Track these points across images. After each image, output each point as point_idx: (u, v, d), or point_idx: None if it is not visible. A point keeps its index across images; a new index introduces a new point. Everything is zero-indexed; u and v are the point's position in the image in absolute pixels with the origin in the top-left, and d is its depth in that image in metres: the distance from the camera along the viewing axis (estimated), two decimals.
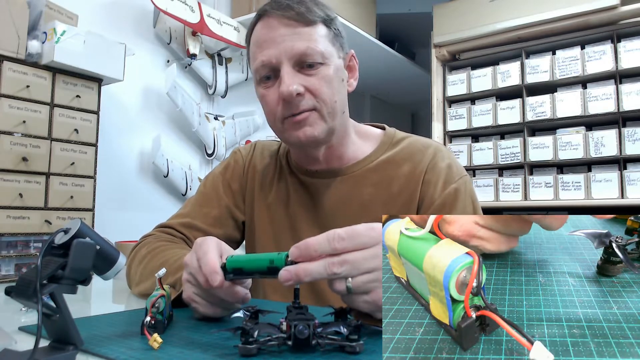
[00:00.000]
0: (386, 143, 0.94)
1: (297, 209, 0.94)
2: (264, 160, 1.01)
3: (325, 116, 0.83)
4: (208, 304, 0.64)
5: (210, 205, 0.98)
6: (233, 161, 1.03)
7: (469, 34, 2.46)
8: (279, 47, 0.81)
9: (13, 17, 1.59)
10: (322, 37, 0.83)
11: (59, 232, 0.50)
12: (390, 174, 0.90)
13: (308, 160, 0.93)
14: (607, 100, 2.11)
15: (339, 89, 0.85)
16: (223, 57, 2.61)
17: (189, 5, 2.30)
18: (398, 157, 0.92)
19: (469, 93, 2.49)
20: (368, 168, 0.92)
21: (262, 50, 0.82)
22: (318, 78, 0.82)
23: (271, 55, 0.81)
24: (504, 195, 2.31)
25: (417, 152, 0.91)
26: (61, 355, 0.46)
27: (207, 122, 2.50)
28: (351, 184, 0.91)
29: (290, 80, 0.80)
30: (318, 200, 0.93)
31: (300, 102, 0.81)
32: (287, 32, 0.81)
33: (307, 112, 0.82)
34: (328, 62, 0.83)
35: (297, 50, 0.80)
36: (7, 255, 1.56)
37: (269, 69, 0.82)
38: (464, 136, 2.54)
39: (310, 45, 0.81)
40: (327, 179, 0.92)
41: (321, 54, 0.82)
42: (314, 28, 0.82)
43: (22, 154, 1.59)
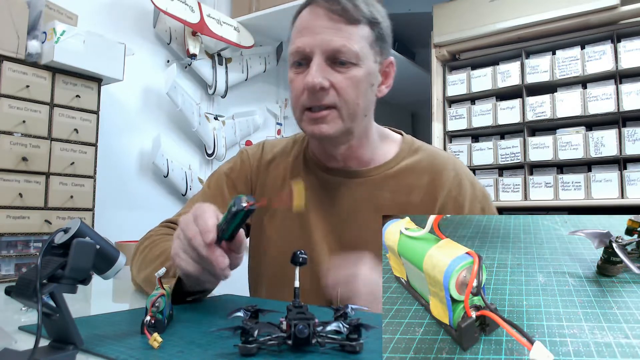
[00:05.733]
0: (405, 150, 0.94)
1: (311, 206, 0.92)
2: (275, 158, 1.00)
3: (345, 116, 0.83)
4: (192, 261, 0.67)
5: (213, 203, 0.98)
6: (240, 161, 1.02)
7: (469, 34, 2.45)
8: (316, 37, 0.80)
9: (13, 17, 1.59)
10: (362, 38, 0.82)
11: (59, 232, 0.50)
12: (409, 182, 0.90)
13: (326, 157, 0.93)
14: (607, 100, 2.11)
15: (365, 92, 0.84)
16: (223, 57, 2.61)
17: (189, 5, 2.30)
18: (418, 168, 0.91)
19: (469, 93, 2.49)
20: (387, 174, 0.91)
21: (300, 36, 0.82)
22: (346, 77, 0.81)
23: (306, 43, 0.81)
24: (504, 195, 2.31)
25: (439, 166, 0.91)
26: (61, 354, 0.46)
27: (207, 122, 2.50)
28: (369, 187, 0.91)
29: (318, 72, 0.80)
30: (333, 199, 0.92)
31: (323, 97, 0.81)
32: (328, 25, 0.80)
33: (326, 110, 0.82)
34: (361, 64, 0.82)
35: (333, 45, 0.80)
36: (7, 255, 1.56)
37: (302, 56, 0.82)
38: (464, 136, 2.54)
39: (346, 43, 0.80)
40: (345, 179, 0.92)
41: (355, 54, 0.81)
42: (356, 27, 0.81)
43: (22, 154, 1.59)
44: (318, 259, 0.89)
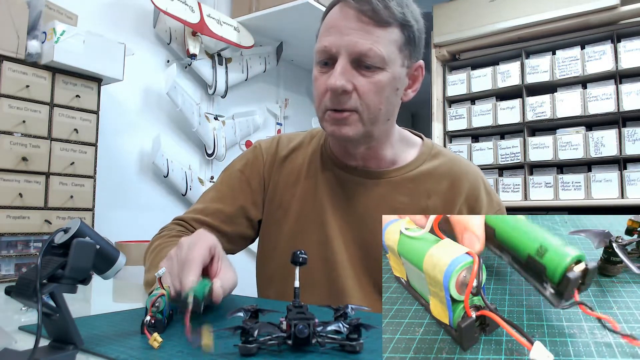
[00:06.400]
0: (425, 153, 0.94)
1: (327, 203, 0.92)
2: (291, 152, 0.99)
3: (365, 120, 0.82)
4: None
5: (224, 202, 0.96)
6: (253, 157, 1.00)
7: (469, 34, 2.46)
8: (344, 38, 0.78)
9: (13, 17, 1.59)
10: (390, 42, 0.79)
11: (59, 232, 0.50)
12: (428, 187, 0.90)
13: (345, 155, 0.92)
14: (607, 100, 2.11)
15: (389, 97, 0.82)
16: (223, 57, 2.61)
17: (189, 5, 2.30)
18: (437, 173, 0.91)
19: (469, 93, 2.49)
20: (406, 177, 0.91)
21: (328, 35, 0.80)
22: (370, 82, 0.79)
23: (333, 43, 0.79)
24: (504, 195, 2.31)
25: (457, 173, 0.91)
26: (61, 354, 0.46)
27: (207, 122, 2.50)
28: (387, 189, 0.90)
29: (342, 75, 0.78)
30: (350, 198, 0.91)
31: (345, 100, 0.80)
32: (356, 27, 0.78)
33: (348, 112, 0.81)
34: (387, 69, 0.80)
35: (359, 48, 0.78)
36: (7, 255, 1.56)
37: (327, 56, 0.81)
38: (464, 136, 2.54)
39: (373, 47, 0.77)
40: (363, 179, 0.91)
41: (382, 58, 0.78)
42: (386, 30, 0.79)
43: (22, 153, 1.59)
44: (334, 257, 0.88)
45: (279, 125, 3.06)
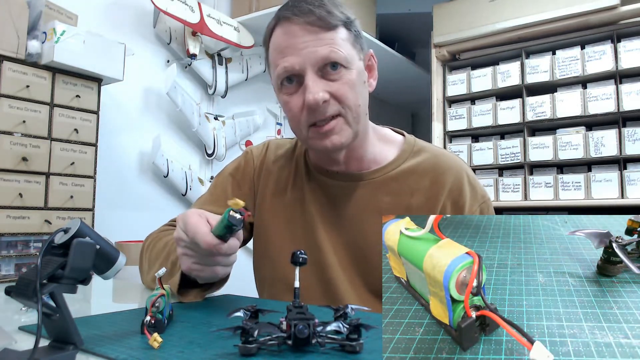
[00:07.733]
0: (407, 151, 0.93)
1: (314, 211, 0.92)
2: (278, 160, 1.00)
3: (351, 121, 0.83)
4: (207, 267, 0.73)
5: (217, 204, 0.97)
6: (244, 162, 1.02)
7: (469, 34, 2.45)
8: (302, 53, 0.79)
9: (13, 17, 1.59)
10: (344, 41, 0.82)
11: (59, 232, 0.50)
12: (411, 185, 0.89)
13: (327, 161, 0.92)
14: (607, 100, 2.11)
15: (361, 92, 0.84)
16: (223, 57, 2.61)
17: (189, 5, 2.30)
18: (420, 169, 0.91)
19: (469, 93, 2.49)
20: (388, 176, 0.91)
21: (284, 56, 0.81)
22: (342, 83, 0.81)
23: (294, 62, 0.80)
24: (504, 196, 2.31)
25: (440, 168, 0.90)
26: (61, 354, 0.46)
27: (207, 122, 2.50)
28: (370, 190, 0.90)
29: (316, 87, 0.79)
30: (336, 203, 0.92)
31: (326, 109, 0.80)
32: (309, 38, 0.79)
33: (333, 121, 0.81)
34: (351, 66, 0.82)
35: (320, 56, 0.79)
36: (7, 255, 1.56)
37: (292, 75, 0.81)
38: (464, 136, 2.54)
39: (333, 49, 0.79)
40: (347, 182, 0.92)
41: (344, 58, 0.80)
42: (336, 32, 0.81)
43: (22, 154, 1.59)
44: (325, 261, 0.89)
45: (279, 125, 3.06)
